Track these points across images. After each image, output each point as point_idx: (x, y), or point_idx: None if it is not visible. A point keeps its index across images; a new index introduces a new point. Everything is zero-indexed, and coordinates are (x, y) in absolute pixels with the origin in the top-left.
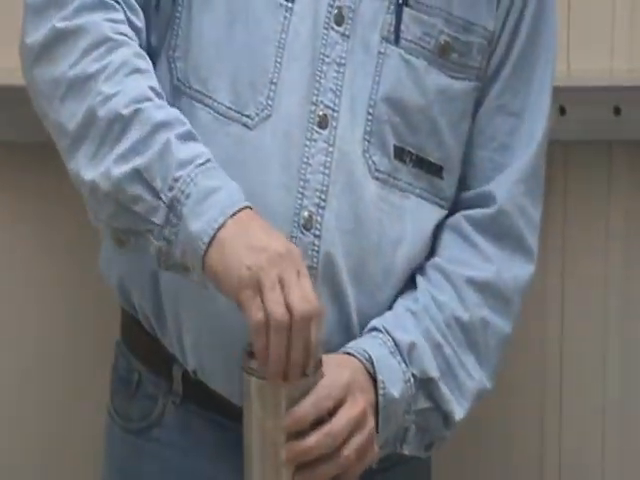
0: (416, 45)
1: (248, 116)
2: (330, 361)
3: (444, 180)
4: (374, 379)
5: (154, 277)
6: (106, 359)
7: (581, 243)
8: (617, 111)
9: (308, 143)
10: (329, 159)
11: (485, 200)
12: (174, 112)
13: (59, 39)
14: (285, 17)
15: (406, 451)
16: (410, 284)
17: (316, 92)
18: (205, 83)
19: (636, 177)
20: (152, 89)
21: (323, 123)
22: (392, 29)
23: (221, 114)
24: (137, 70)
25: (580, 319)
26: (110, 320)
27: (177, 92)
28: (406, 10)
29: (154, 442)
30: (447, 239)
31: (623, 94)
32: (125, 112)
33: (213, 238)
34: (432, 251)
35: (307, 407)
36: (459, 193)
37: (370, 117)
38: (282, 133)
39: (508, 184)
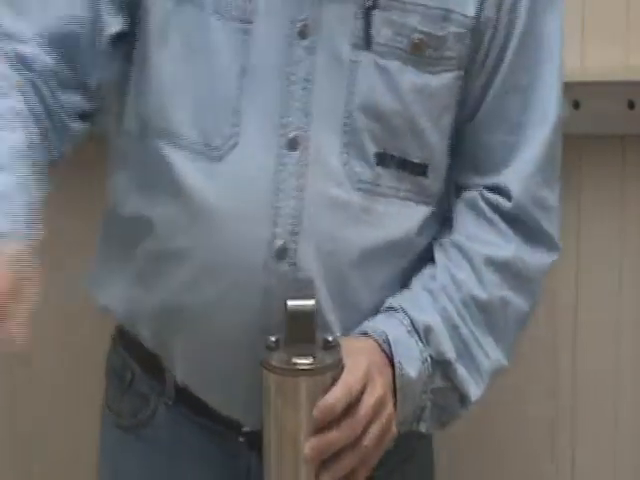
0: (389, 47)
1: (215, 148)
2: (346, 345)
3: (429, 178)
4: (391, 359)
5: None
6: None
7: (595, 235)
8: (631, 105)
9: (280, 168)
10: (302, 181)
11: (501, 192)
12: None
13: None
14: (244, 40)
15: (422, 429)
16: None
17: (284, 114)
18: (169, 120)
19: None
20: None
21: (293, 145)
22: (362, 34)
23: (188, 150)
24: None
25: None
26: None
27: (144, 132)
28: (376, 13)
29: (142, 442)
30: (465, 216)
31: (637, 88)
32: None
33: None
34: (450, 225)
35: (334, 398)
36: (473, 177)
37: (346, 128)
38: (250, 161)
39: (523, 178)
